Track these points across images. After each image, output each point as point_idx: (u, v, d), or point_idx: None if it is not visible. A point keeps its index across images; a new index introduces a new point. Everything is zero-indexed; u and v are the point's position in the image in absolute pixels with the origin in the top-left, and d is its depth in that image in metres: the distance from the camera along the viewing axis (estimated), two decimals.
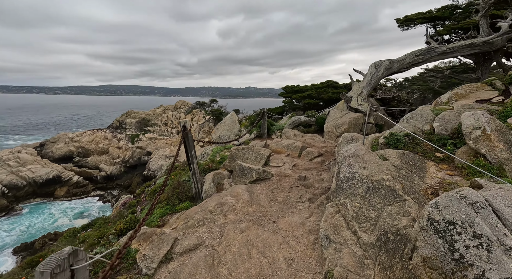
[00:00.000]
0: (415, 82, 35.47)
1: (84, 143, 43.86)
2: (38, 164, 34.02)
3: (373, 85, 9.61)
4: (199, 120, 55.19)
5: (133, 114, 61.85)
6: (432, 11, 21.41)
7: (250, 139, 9.48)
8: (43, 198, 29.58)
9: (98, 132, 48.00)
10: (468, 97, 6.42)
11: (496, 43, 8.90)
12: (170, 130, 56.96)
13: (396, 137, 4.39)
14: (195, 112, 59.18)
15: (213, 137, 9.84)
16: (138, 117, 59.84)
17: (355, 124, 8.68)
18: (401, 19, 21.99)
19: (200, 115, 57.77)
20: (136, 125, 56.89)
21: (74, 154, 41.53)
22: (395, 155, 3.83)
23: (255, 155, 6.44)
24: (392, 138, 4.42)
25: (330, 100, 29.49)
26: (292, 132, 9.51)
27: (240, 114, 58.90)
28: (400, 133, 4.53)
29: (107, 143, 45.20)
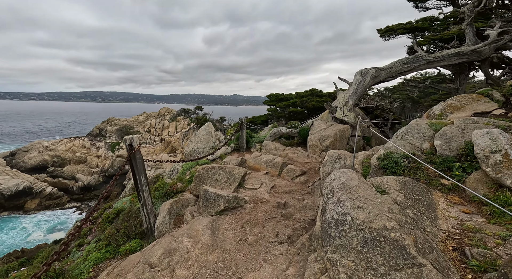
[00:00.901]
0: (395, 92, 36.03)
1: (60, 151, 41.40)
2: (6, 174, 31.41)
3: (359, 95, 8.97)
4: (184, 128, 53.67)
5: (115, 121, 59.57)
6: (412, 22, 21.81)
7: (227, 153, 8.50)
8: (11, 211, 27.09)
9: (76, 141, 45.55)
10: (464, 110, 5.80)
11: (484, 52, 8.53)
12: (153, 138, 55.06)
13: (393, 159, 3.57)
14: (179, 119, 57.66)
15: (186, 151, 8.80)
16: (119, 125, 57.63)
17: (341, 137, 7.92)
18: (382, 30, 22.27)
19: (185, 122, 56.31)
20: (117, 133, 54.67)
21: (48, 164, 38.98)
22: (396, 186, 2.98)
23: (227, 175, 5.47)
24: (389, 161, 3.59)
25: (314, 108, 29.09)
26: (273, 145, 8.63)
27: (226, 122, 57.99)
28: (397, 154, 3.72)
29: (85, 152, 42.92)
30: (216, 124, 52.42)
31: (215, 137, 9.25)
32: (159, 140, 54.22)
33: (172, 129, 56.17)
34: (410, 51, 22.61)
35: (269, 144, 8.71)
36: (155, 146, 50.93)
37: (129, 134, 57.33)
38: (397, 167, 3.48)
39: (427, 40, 19.71)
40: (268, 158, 7.09)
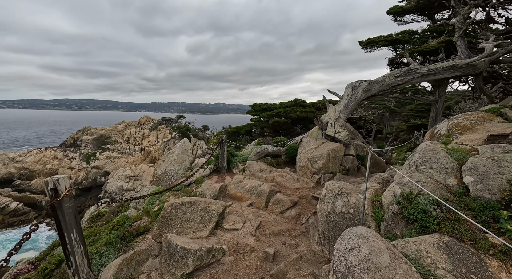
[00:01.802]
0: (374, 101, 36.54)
1: (29, 163, 38.23)
2: None
3: (351, 109, 8.22)
4: (165, 137, 51.67)
5: (91, 130, 56.55)
6: (393, 35, 22.06)
7: (205, 176, 7.36)
8: None
9: (47, 151, 42.39)
10: (476, 130, 5.09)
11: (479, 66, 8.11)
12: (132, 148, 52.58)
13: (421, 207, 2.64)
14: (160, 128, 55.60)
15: (157, 173, 7.57)
16: (96, 134, 54.72)
17: (334, 157, 7.04)
18: (364, 42, 22.42)
19: (166, 131, 54.33)
20: (93, 142, 51.71)
21: (14, 176, 35.79)
22: (441, 257, 2.02)
23: (201, 213, 4.34)
24: (415, 209, 2.66)
25: (298, 119, 28.56)
26: (257, 166, 7.59)
27: (209, 131, 56.76)
28: (423, 198, 2.80)
29: (57, 163, 39.95)
30: (199, 133, 51.00)
31: (192, 157, 8.09)
32: (139, 150, 51.80)
33: (153, 139, 53.91)
34: (391, 63, 22.79)
35: (253, 164, 7.67)
36: (134, 156, 48.50)
37: (107, 144, 54.47)
38: (428, 218, 2.55)
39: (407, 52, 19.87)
40: (253, 184, 6.03)
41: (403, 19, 24.94)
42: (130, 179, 36.69)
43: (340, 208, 3.79)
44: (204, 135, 50.03)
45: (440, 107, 14.47)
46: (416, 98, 14.08)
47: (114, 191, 34.57)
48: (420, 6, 22.26)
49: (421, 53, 19.37)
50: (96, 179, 39.58)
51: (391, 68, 21.91)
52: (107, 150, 50.26)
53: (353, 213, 3.66)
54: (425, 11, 22.37)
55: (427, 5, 21.71)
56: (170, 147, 41.52)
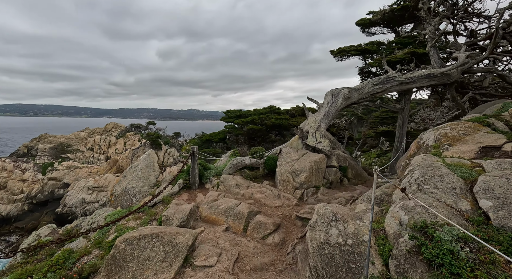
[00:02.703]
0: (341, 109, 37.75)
1: None
2: None
3: (331, 117, 7.85)
4: (134, 145, 48.73)
5: (48, 138, 51.79)
6: (362, 45, 22.87)
7: (173, 194, 6.41)
8: None
9: None
10: (465, 141, 4.83)
11: (452, 75, 8.20)
12: (97, 157, 48.91)
13: (446, 246, 2.07)
14: (129, 135, 52.49)
15: (116, 191, 6.46)
16: (54, 142, 50.17)
17: (317, 170, 6.51)
18: (335, 51, 23.00)
19: (135, 139, 51.39)
20: (51, 152, 47.22)
21: None
22: None
23: (165, 248, 3.48)
24: (438, 249, 2.08)
25: (273, 126, 28.25)
26: (233, 180, 6.82)
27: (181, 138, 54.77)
28: (446, 234, 2.24)
29: (6, 175, 35.67)
30: (170, 140, 48.86)
31: (158, 171, 7.10)
32: (105, 159, 48.33)
33: (120, 147, 50.61)
34: (361, 72, 23.52)
35: (229, 179, 6.88)
36: (99, 165, 45.05)
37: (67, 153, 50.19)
38: (459, 262, 1.99)
39: (376, 62, 20.64)
40: (229, 204, 5.24)
41: (371, 30, 26.05)
42: (94, 190, 33.76)
43: (336, 238, 3.16)
44: (176, 142, 48.09)
45: (406, 114, 14.92)
46: (384, 106, 14.52)
47: (75, 204, 31.58)
48: (386, 19, 23.41)
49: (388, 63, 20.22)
50: (54, 192, 36.04)
51: (361, 77, 22.62)
52: (67, 159, 46.24)
53: (352, 245, 3.05)
54: (390, 24, 23.57)
55: (392, 19, 22.90)
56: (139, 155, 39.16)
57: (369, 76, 20.97)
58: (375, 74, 20.90)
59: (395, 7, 22.25)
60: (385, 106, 15.25)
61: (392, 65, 20.50)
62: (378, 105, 16.11)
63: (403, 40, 20.77)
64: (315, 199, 5.98)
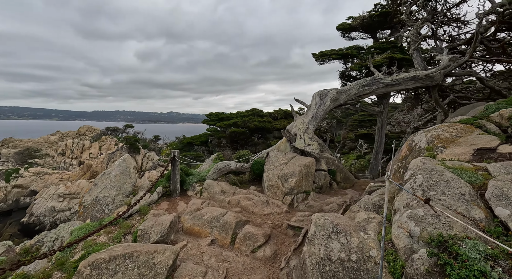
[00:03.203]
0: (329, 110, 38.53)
1: None
2: None
3: (319, 119, 7.61)
4: (110, 149, 46.38)
5: (13, 143, 48.11)
6: (342, 49, 23.38)
7: (151, 203, 5.82)
8: None
9: None
10: (459, 144, 4.72)
11: (436, 78, 8.29)
12: (69, 162, 45.99)
13: (477, 267, 1.77)
14: (104, 139, 49.97)
15: (85, 201, 5.73)
16: (20, 147, 46.70)
17: (307, 174, 6.19)
18: (317, 54, 23.36)
19: (111, 142, 48.99)
20: (16, 157, 43.82)
21: None
22: None
23: (141, 270, 2.95)
24: (468, 271, 1.77)
25: (256, 128, 27.95)
26: (218, 186, 6.34)
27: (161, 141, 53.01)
28: (474, 252, 1.95)
29: None
30: (149, 144, 47.15)
31: (135, 178, 6.44)
32: (77, 164, 45.59)
33: (94, 151, 47.99)
34: (341, 76, 23.98)
35: (213, 185, 6.39)
36: (71, 170, 42.37)
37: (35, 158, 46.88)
38: None
39: (357, 66, 21.10)
40: (214, 213, 4.76)
41: (350, 35, 26.69)
42: (65, 197, 31.57)
43: (338, 252, 2.81)
44: (156, 146, 46.52)
45: (385, 117, 15.23)
46: (364, 109, 14.78)
47: (43, 213, 29.32)
48: (365, 24, 24.08)
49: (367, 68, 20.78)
50: (19, 200, 33.36)
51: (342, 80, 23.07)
52: (34, 165, 43.12)
53: (357, 261, 2.71)
54: (369, 29, 24.27)
55: (371, 24, 23.61)
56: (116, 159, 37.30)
57: (349, 80, 21.39)
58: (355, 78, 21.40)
59: (374, 13, 22.95)
60: (365, 109, 15.55)
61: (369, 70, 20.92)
62: (358, 108, 16.39)
63: (381, 45, 21.47)
64: (306, 205, 5.64)
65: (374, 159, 16.14)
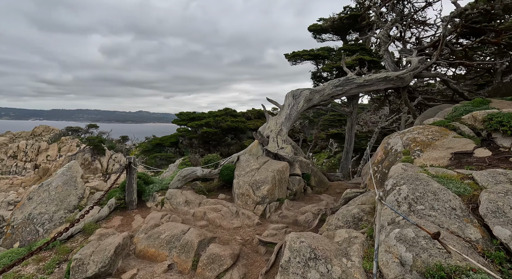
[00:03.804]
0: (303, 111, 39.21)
1: None
2: None
3: (293, 120, 7.23)
4: (71, 151, 42.70)
5: None
6: (314, 50, 23.70)
7: (100, 219, 4.96)
8: None
9: None
10: (435, 147, 4.53)
11: (406, 79, 8.33)
12: (22, 165, 41.55)
13: None
14: (64, 140, 45.95)
15: (14, 220, 4.71)
16: None
17: (281, 180, 5.73)
18: (289, 55, 23.45)
19: (73, 144, 45.18)
20: None
21: None
22: None
23: None
24: None
25: (229, 129, 27.25)
26: (182, 196, 5.64)
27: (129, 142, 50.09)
28: None
29: None
30: (116, 145, 44.35)
31: (82, 189, 5.51)
32: (32, 167, 41.41)
33: (53, 153, 43.90)
34: (313, 76, 24.25)
35: (176, 195, 5.68)
36: (24, 175, 38.31)
37: None
38: None
39: (328, 67, 21.38)
40: (174, 230, 4.09)
41: (322, 37, 27.13)
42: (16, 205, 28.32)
43: None
44: (123, 147, 43.83)
45: (355, 118, 15.52)
46: (335, 110, 15.00)
47: None
48: (335, 26, 24.57)
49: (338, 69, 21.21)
50: None
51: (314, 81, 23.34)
52: None
53: None
54: (339, 31, 24.82)
55: (340, 26, 24.13)
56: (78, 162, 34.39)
57: (321, 81, 21.67)
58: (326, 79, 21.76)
59: (343, 15, 23.46)
60: (336, 109, 15.77)
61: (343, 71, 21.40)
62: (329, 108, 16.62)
63: (351, 47, 22.05)
64: (279, 215, 5.17)
65: (344, 158, 16.34)
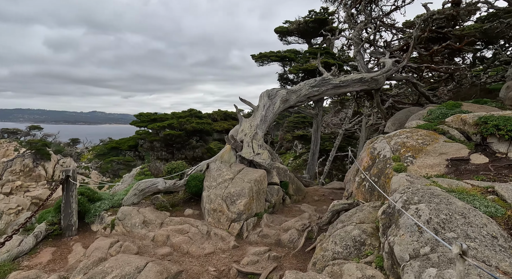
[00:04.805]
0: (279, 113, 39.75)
1: None
2: None
3: (269, 123, 6.55)
4: (7, 156, 37.07)
5: None
6: (281, 51, 23.67)
7: (22, 253, 3.70)
8: None
9: None
10: (428, 153, 4.17)
11: (380, 81, 8.20)
12: None
13: None
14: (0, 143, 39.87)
15: None
16: None
17: (259, 192, 4.97)
18: (256, 55, 23.12)
19: (9, 148, 39.38)
20: None
21: None
22: None
23: None
24: None
25: (195, 131, 25.82)
26: (139, 215, 4.58)
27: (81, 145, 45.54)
28: None
29: None
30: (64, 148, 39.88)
31: None
32: None
33: None
34: (280, 78, 24.14)
35: (131, 214, 4.60)
36: None
37: None
38: None
39: (295, 69, 21.39)
40: (125, 268, 3.07)
41: (287, 39, 27.24)
42: None
43: None
44: (73, 151, 39.59)
45: (320, 120, 15.59)
46: (302, 112, 14.89)
47: None
48: (301, 29, 24.82)
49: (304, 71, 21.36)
50: None
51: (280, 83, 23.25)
52: None
53: None
54: (304, 35, 25.18)
55: (306, 30, 24.47)
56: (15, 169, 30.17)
57: (288, 83, 21.68)
58: (293, 81, 21.85)
59: (308, 19, 23.77)
60: (302, 111, 15.68)
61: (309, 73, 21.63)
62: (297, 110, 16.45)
63: (316, 50, 22.41)
64: (259, 234, 4.40)
65: (311, 159, 16.28)
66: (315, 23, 23.39)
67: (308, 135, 23.34)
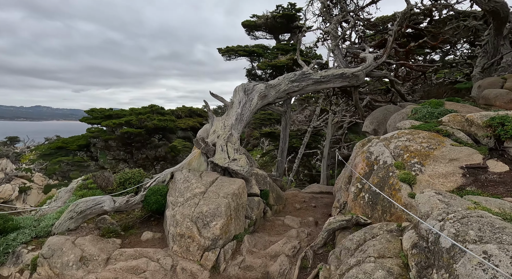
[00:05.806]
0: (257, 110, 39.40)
1: None
2: None
3: (246, 122, 5.60)
4: None
5: None
6: (249, 46, 22.93)
7: None
8: None
9: None
10: (436, 159, 3.59)
11: (360, 77, 7.73)
12: None
13: None
14: None
15: None
16: None
17: (237, 208, 4.01)
18: (223, 49, 22.18)
19: None
20: None
21: None
22: None
23: None
24: None
25: (156, 128, 23.81)
26: (74, 250, 3.33)
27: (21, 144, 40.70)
28: None
29: None
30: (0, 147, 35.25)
31: None
32: None
33: None
34: (248, 74, 23.36)
35: (63, 247, 3.32)
36: None
37: None
38: None
39: (264, 65, 20.73)
40: None
41: (255, 34, 26.48)
42: None
43: None
44: (11, 151, 34.66)
45: (289, 117, 15.26)
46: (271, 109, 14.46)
47: None
48: (269, 24, 24.22)
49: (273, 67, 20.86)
50: None
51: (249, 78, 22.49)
52: None
53: None
54: (272, 30, 24.68)
55: (274, 25, 23.95)
56: None
57: (256, 79, 21.09)
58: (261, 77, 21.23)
59: (276, 14, 23.23)
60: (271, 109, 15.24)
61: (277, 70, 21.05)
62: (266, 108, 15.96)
63: (284, 46, 22.01)
64: (240, 265, 3.45)
65: (280, 157, 15.92)
66: (283, 19, 22.87)
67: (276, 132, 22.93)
